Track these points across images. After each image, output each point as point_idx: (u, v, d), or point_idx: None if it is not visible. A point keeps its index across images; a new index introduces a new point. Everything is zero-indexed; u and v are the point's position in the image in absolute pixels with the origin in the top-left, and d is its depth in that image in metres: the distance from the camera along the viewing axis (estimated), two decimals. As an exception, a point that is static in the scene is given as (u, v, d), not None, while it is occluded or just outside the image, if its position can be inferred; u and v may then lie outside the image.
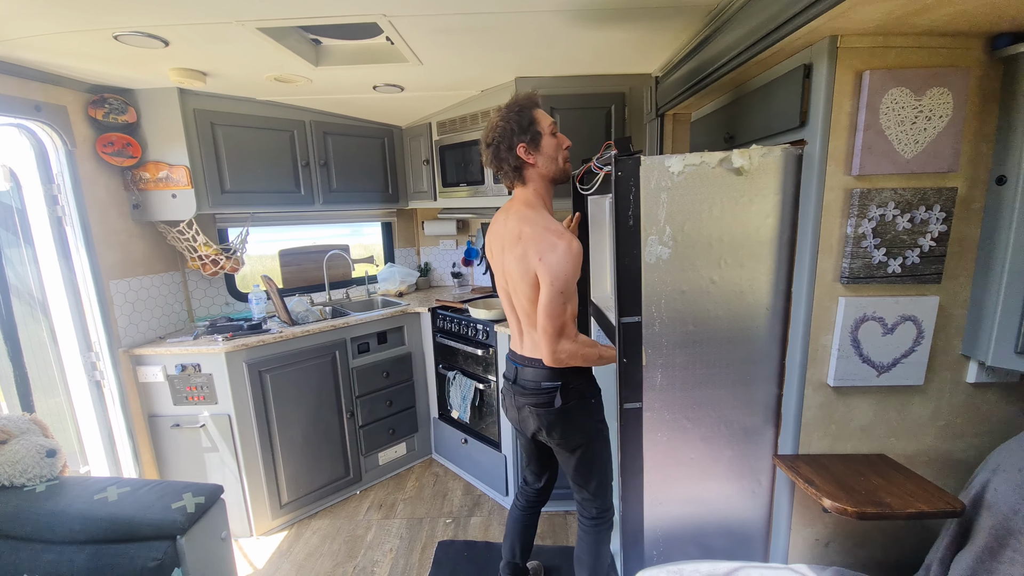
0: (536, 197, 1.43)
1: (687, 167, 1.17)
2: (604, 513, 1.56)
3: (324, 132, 2.58)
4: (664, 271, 1.23)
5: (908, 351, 1.21)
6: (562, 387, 1.42)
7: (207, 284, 2.60)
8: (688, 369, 1.29)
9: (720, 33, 1.40)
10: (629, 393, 1.28)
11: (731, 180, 1.18)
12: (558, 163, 1.43)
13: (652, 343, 1.27)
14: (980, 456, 1.23)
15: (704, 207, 1.20)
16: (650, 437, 1.33)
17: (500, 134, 1.39)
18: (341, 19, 1.44)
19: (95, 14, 1.36)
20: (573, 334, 1.35)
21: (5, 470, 1.34)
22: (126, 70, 1.85)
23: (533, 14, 1.44)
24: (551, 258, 1.28)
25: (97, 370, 2.05)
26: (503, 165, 1.42)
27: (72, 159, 1.93)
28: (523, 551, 1.77)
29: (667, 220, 1.20)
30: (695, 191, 1.19)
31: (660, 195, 1.19)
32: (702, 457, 1.34)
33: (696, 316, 1.26)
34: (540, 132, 1.39)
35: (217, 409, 2.16)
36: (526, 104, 1.40)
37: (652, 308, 1.25)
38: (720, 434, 1.33)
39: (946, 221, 1.15)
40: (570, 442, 1.47)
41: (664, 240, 1.21)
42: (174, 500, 1.31)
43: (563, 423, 1.44)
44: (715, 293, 1.25)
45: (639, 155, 1.17)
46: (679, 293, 1.24)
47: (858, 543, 1.34)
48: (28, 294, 1.99)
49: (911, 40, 1.08)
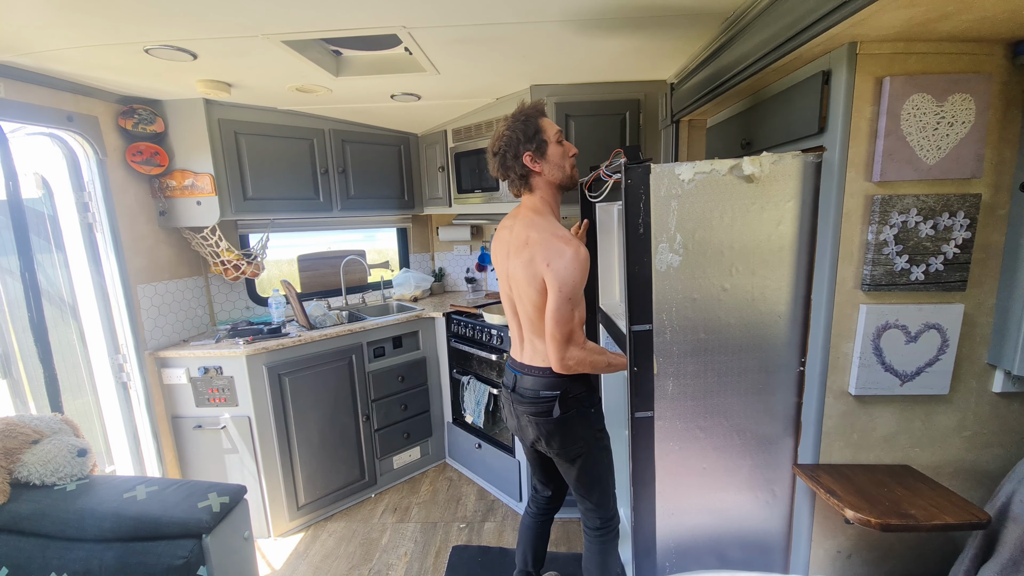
0: (543, 204, 1.44)
1: (697, 175, 1.18)
2: (608, 523, 1.54)
3: (343, 140, 2.63)
4: (675, 279, 1.23)
5: (932, 360, 1.19)
6: (561, 396, 1.41)
7: (229, 288, 2.66)
8: (700, 378, 1.28)
9: (737, 40, 1.40)
10: (640, 402, 1.28)
11: (742, 188, 1.18)
12: (565, 170, 1.44)
13: (663, 351, 1.27)
14: (1006, 467, 1.21)
15: (715, 214, 1.20)
16: (662, 447, 1.32)
17: (506, 143, 1.40)
18: (363, 31, 1.47)
19: (127, 28, 1.41)
20: (582, 341, 1.34)
21: (37, 469, 1.38)
22: (155, 82, 1.91)
23: (548, 23, 1.46)
24: (558, 264, 1.28)
25: (124, 372, 2.11)
26: (510, 173, 1.43)
27: (103, 168, 2.00)
28: (535, 559, 1.76)
29: (677, 228, 1.21)
30: (706, 199, 1.19)
31: (670, 203, 1.19)
32: (715, 467, 1.33)
33: (708, 324, 1.25)
34: (546, 140, 1.40)
35: (238, 411, 2.20)
36: (532, 113, 1.41)
37: (663, 316, 1.25)
38: (733, 444, 1.32)
39: (970, 228, 1.13)
40: (569, 452, 1.46)
41: (675, 248, 1.22)
42: (200, 500, 1.34)
43: (562, 433, 1.43)
44: (727, 301, 1.24)
45: (649, 163, 1.18)
46: (690, 301, 1.24)
47: (881, 555, 1.32)
48: (59, 298, 2.06)
49: (932, 46, 1.08)
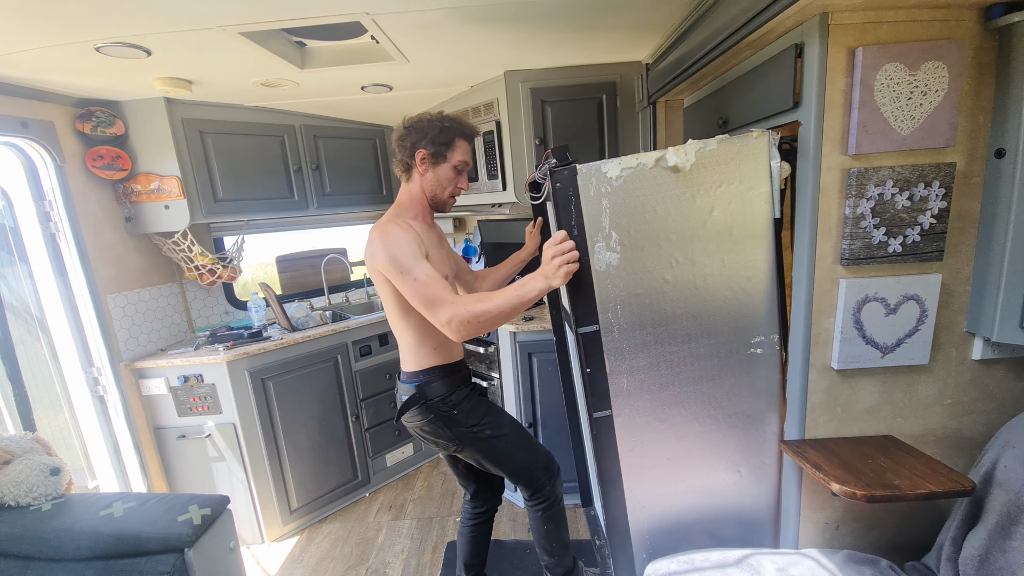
0: (409, 198, 1.48)
1: (624, 171, 1.16)
2: (536, 495, 1.56)
3: (315, 135, 2.56)
4: (616, 276, 1.21)
5: (912, 331, 1.20)
6: (416, 401, 1.43)
7: (206, 294, 2.59)
8: (653, 371, 1.27)
9: (708, 16, 1.37)
10: (597, 402, 1.27)
11: (671, 178, 1.16)
12: (444, 193, 1.47)
13: (613, 350, 1.25)
14: (989, 433, 1.22)
15: (647, 208, 1.18)
16: (624, 442, 1.31)
17: (415, 129, 1.42)
18: (323, 20, 1.42)
19: (75, 26, 1.34)
20: (449, 298, 1.23)
21: (10, 490, 1.34)
22: (111, 82, 1.83)
23: (518, 4, 1.42)
24: (372, 248, 1.33)
25: (100, 385, 2.05)
26: (401, 153, 1.45)
27: (62, 174, 1.92)
28: (470, 562, 1.75)
29: (612, 226, 1.19)
30: (637, 194, 1.17)
31: (601, 201, 1.18)
32: (678, 455, 1.33)
33: (654, 318, 1.24)
34: (446, 158, 1.43)
35: (222, 419, 2.15)
36: (458, 129, 1.43)
37: (609, 315, 1.23)
38: (693, 431, 1.31)
39: (946, 197, 1.13)
40: (449, 447, 1.50)
41: (611, 246, 1.20)
42: (180, 513, 1.30)
43: (431, 433, 1.47)
44: (670, 292, 1.23)
45: (575, 164, 1.16)
46: (634, 297, 1.23)
47: (869, 525, 1.34)
48: (26, 312, 1.99)
49: (903, 14, 1.06)
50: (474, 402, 1.50)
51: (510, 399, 2.35)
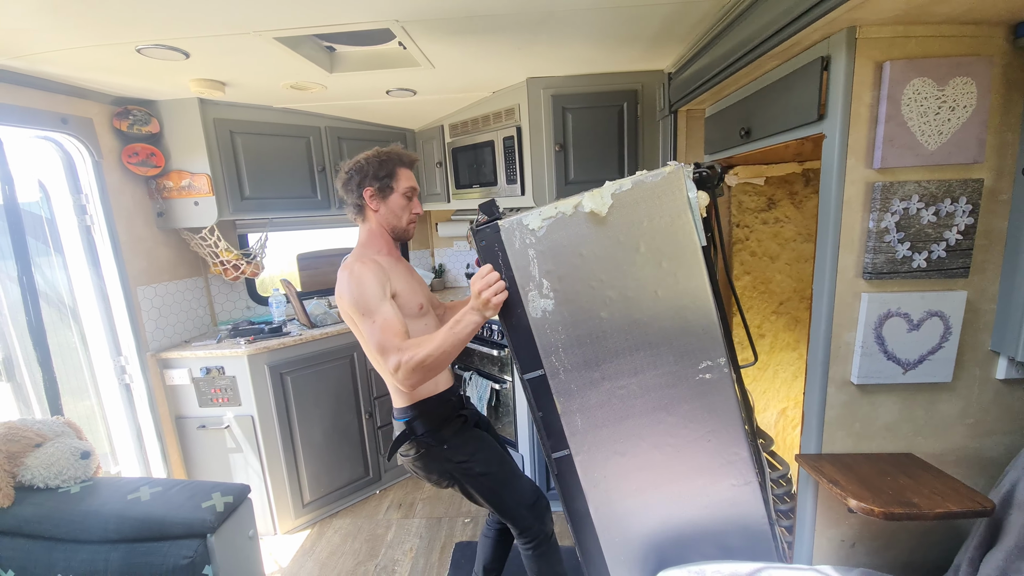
0: (369, 236, 1.49)
1: (545, 221, 1.16)
2: (524, 533, 1.54)
3: (339, 137, 2.62)
4: (554, 321, 1.21)
5: (935, 347, 1.18)
6: (408, 437, 1.45)
7: (229, 288, 2.66)
8: (605, 407, 1.26)
9: (734, 27, 1.38)
10: (555, 442, 1.27)
11: (592, 222, 1.17)
12: (401, 222, 1.50)
13: (562, 391, 1.24)
14: (1011, 454, 1.20)
15: (574, 253, 1.18)
16: (588, 478, 1.30)
17: (356, 170, 1.45)
18: (356, 26, 1.46)
19: (119, 28, 1.40)
20: (395, 345, 1.26)
21: (40, 472, 1.38)
22: (149, 82, 1.90)
23: (545, 14, 1.45)
24: (340, 289, 1.35)
25: (126, 373, 2.12)
26: (349, 198, 1.48)
27: (99, 170, 1.99)
28: (488, 568, 1.76)
29: (541, 274, 1.19)
30: (561, 240, 1.17)
31: (528, 252, 1.18)
32: (644, 485, 1.32)
33: (598, 355, 1.23)
34: (393, 188, 1.45)
35: (241, 411, 2.21)
36: (394, 158, 1.46)
37: (552, 358, 1.23)
38: (655, 461, 1.30)
39: (972, 214, 1.11)
40: (440, 483, 1.52)
41: (544, 293, 1.20)
42: (204, 500, 1.34)
43: (422, 468, 1.49)
44: (609, 330, 1.22)
45: (496, 222, 1.17)
46: (575, 339, 1.22)
47: (885, 544, 1.32)
48: (59, 300, 2.06)
49: (932, 29, 1.06)
50: (465, 436, 1.51)
51: (522, 403, 2.37)
